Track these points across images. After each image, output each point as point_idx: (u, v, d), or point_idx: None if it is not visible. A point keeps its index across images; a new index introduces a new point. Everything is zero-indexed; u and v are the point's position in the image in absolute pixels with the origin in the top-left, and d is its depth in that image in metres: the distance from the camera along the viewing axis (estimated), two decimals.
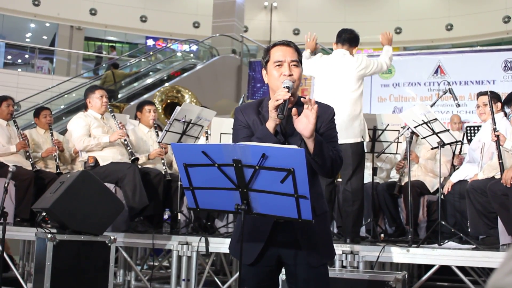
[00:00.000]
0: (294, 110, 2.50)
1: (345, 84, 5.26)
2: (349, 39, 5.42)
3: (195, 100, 9.33)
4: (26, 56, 20.25)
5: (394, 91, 10.43)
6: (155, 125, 6.36)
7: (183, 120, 5.63)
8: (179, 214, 5.82)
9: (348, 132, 5.10)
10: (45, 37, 24.70)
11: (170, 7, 24.67)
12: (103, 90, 6.03)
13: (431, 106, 5.77)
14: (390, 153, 6.12)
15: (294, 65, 2.65)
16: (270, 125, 2.56)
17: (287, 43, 2.70)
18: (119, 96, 14.88)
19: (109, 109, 5.93)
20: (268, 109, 2.59)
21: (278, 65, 2.65)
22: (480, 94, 5.67)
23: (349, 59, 5.36)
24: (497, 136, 4.86)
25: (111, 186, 5.48)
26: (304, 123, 2.48)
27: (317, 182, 2.71)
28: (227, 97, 15.53)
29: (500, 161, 4.82)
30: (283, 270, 2.84)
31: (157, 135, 6.19)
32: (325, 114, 2.72)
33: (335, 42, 5.48)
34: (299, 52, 2.72)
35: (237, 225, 2.77)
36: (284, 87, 2.56)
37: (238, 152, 2.19)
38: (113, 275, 4.58)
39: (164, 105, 9.67)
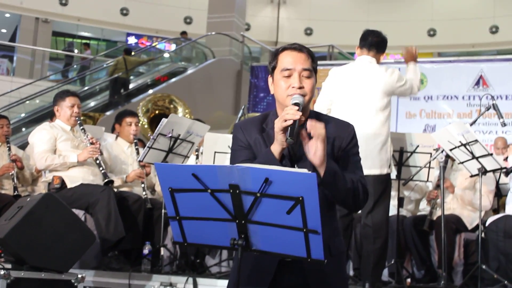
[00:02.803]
0: (304, 132, 2.51)
1: (372, 100, 5.16)
2: (376, 43, 5.38)
3: (189, 116, 9.34)
4: None
5: (426, 105, 10.45)
6: (135, 140, 6.36)
7: (170, 135, 5.63)
8: (162, 248, 5.80)
9: (373, 161, 5.03)
10: (4, 30, 24.86)
11: None
12: (76, 97, 6.02)
13: (471, 124, 5.78)
14: (420, 181, 6.11)
15: (305, 76, 2.66)
16: (276, 149, 2.57)
17: (299, 48, 2.70)
18: (93, 104, 14.93)
19: (78, 121, 5.91)
20: (273, 126, 2.59)
21: (287, 75, 2.67)
22: None
23: (379, 69, 5.30)
24: None
25: (80, 213, 5.47)
26: (314, 149, 2.50)
27: (334, 216, 2.72)
28: (223, 108, 15.57)
29: None
30: None
31: (138, 152, 6.20)
32: (344, 133, 2.72)
33: (358, 46, 5.43)
34: (313, 59, 2.72)
35: (235, 265, 2.76)
36: (293, 103, 2.57)
37: (236, 175, 2.20)
38: None
39: (151, 116, 9.68)
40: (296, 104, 2.56)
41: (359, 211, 5.46)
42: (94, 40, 26.72)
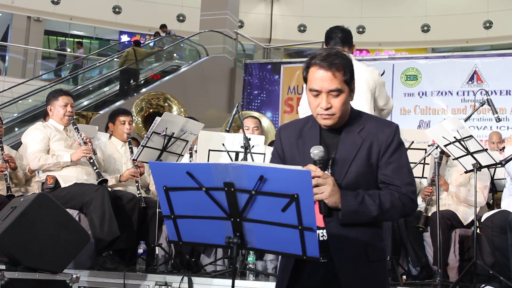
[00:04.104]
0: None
1: (359, 99, 5.20)
2: (347, 38, 5.32)
3: (183, 114, 9.33)
4: None
5: (420, 101, 10.47)
6: (129, 139, 6.35)
7: (164, 133, 5.63)
8: (156, 248, 5.79)
9: None
10: None
11: None
12: (69, 97, 6.02)
13: (465, 120, 5.79)
14: (415, 177, 6.10)
15: (333, 95, 2.64)
16: None
17: (328, 66, 2.63)
18: (86, 103, 14.91)
19: (72, 120, 5.92)
20: (309, 133, 2.69)
21: (315, 95, 2.67)
22: None
23: (359, 65, 5.29)
24: None
25: (74, 213, 5.47)
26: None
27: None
28: (217, 106, 15.57)
29: None
30: None
31: (132, 151, 6.19)
32: (383, 136, 2.69)
33: (328, 45, 5.41)
34: (345, 71, 2.66)
35: (281, 264, 2.78)
36: (314, 160, 2.58)
37: (230, 173, 2.20)
38: None
39: (145, 114, 9.68)
40: (316, 161, 2.57)
41: None
42: (87, 38, 26.65)
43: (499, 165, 5.63)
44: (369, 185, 2.64)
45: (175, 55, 18.33)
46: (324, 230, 2.60)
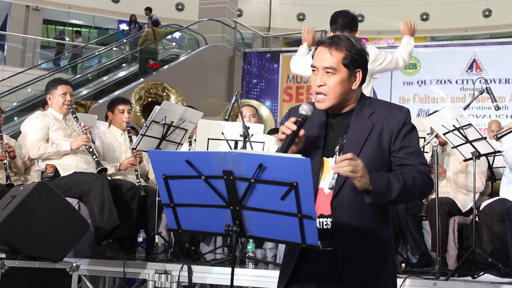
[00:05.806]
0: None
1: None
2: (348, 23, 5.35)
3: (181, 103, 9.33)
4: None
5: (419, 90, 10.47)
6: (128, 128, 6.35)
7: (163, 122, 5.63)
8: (156, 236, 5.80)
9: None
10: None
11: None
12: (68, 86, 6.02)
13: (464, 108, 5.79)
14: None
15: (329, 72, 2.63)
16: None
17: (329, 43, 2.65)
18: (85, 92, 14.89)
19: (71, 109, 5.92)
20: (317, 113, 2.67)
21: (313, 71, 2.67)
22: None
23: None
24: None
25: (74, 202, 5.47)
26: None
27: (377, 208, 2.66)
28: (216, 95, 15.54)
29: None
30: None
31: (131, 140, 6.19)
32: (394, 121, 2.67)
33: (330, 30, 5.42)
34: (348, 54, 2.63)
35: (286, 252, 2.77)
36: (299, 114, 2.58)
37: (229, 161, 2.20)
38: None
39: (144, 103, 9.67)
40: (300, 116, 2.57)
41: None
42: (86, 27, 26.60)
43: (498, 153, 5.63)
44: (381, 170, 2.62)
45: (173, 43, 18.30)
46: (329, 219, 2.59)
